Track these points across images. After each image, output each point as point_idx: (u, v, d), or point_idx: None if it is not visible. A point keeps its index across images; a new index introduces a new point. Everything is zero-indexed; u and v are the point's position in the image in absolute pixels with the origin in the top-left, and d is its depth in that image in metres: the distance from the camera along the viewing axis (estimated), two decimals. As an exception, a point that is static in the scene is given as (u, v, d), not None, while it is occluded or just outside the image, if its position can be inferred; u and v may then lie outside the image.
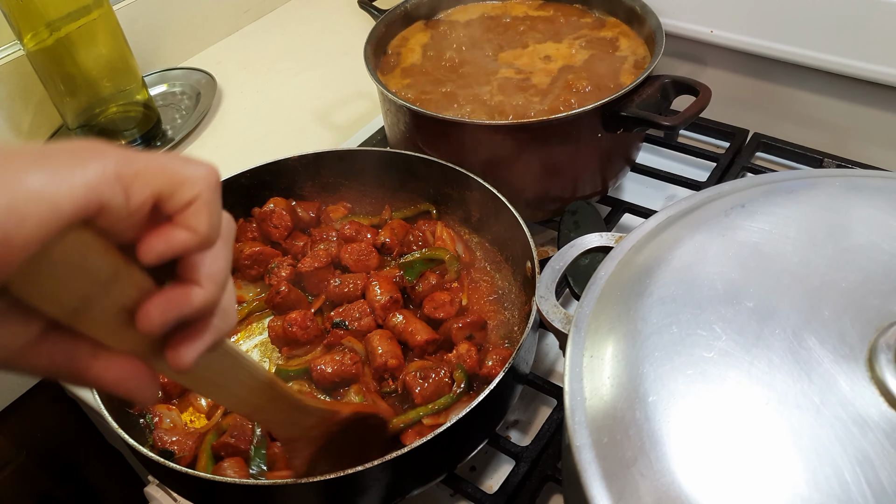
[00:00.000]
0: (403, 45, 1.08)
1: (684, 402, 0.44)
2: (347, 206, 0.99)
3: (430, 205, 0.96)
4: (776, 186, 0.59)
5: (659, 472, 0.41)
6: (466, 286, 0.88)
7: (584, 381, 0.49)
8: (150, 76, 1.35)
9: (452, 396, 0.74)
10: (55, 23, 1.05)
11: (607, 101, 0.86)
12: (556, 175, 0.93)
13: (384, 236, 0.91)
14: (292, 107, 1.30)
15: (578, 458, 0.44)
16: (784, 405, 0.42)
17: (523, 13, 1.12)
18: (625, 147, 0.98)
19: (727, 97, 1.11)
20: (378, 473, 0.64)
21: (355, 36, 1.44)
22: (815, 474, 0.39)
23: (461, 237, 0.94)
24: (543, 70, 1.00)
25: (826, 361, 0.44)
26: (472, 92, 0.97)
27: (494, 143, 0.89)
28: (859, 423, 0.41)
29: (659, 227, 0.60)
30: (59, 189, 0.32)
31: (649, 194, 1.06)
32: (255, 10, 1.56)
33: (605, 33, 1.05)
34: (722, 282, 0.50)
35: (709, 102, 0.86)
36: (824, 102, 1.05)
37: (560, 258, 0.65)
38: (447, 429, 0.64)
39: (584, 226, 0.92)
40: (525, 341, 0.71)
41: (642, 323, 0.50)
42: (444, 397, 0.74)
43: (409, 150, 0.95)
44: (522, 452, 0.74)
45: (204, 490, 0.67)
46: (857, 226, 0.53)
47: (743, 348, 0.46)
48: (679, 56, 1.15)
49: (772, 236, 0.53)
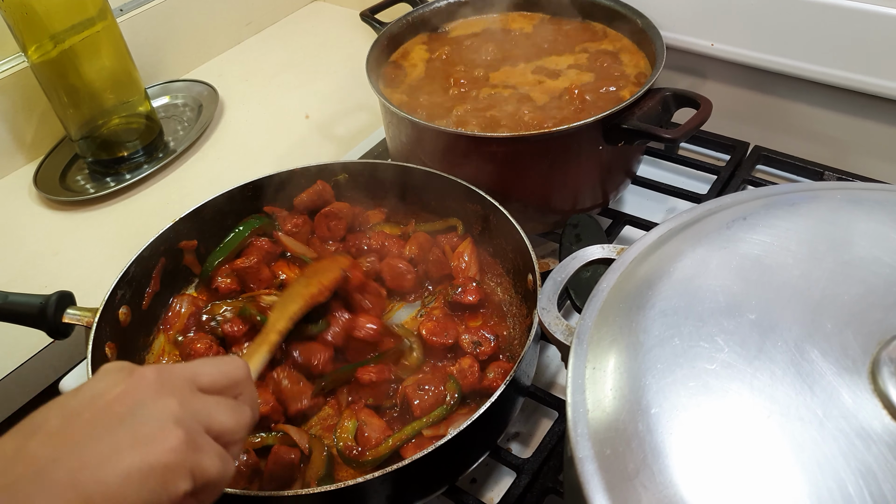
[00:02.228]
0: (405, 57, 1.09)
1: (686, 414, 0.44)
2: (384, 212, 0.99)
3: (457, 220, 0.94)
4: (777, 199, 0.60)
5: (661, 485, 0.41)
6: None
7: (587, 393, 0.49)
8: (153, 88, 1.35)
9: (447, 408, 0.74)
10: (59, 35, 1.06)
11: (608, 113, 0.86)
12: (558, 187, 0.94)
13: (410, 251, 0.90)
14: (294, 119, 1.30)
15: (580, 471, 0.44)
16: (786, 418, 0.42)
17: (524, 27, 1.13)
18: (626, 160, 0.98)
19: (728, 110, 1.11)
20: (379, 485, 0.64)
21: (357, 48, 1.44)
22: (817, 487, 0.39)
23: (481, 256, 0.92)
24: (544, 83, 1.00)
25: (828, 374, 0.44)
26: (473, 104, 0.97)
27: (496, 156, 0.89)
28: (862, 435, 0.40)
29: (660, 240, 0.60)
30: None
31: (650, 207, 1.06)
32: (256, 22, 1.57)
33: (607, 47, 1.06)
34: (724, 294, 0.50)
35: (709, 115, 0.87)
36: (825, 115, 1.06)
37: (562, 270, 0.65)
38: (448, 441, 0.64)
39: (586, 238, 0.92)
40: (526, 353, 0.71)
41: (644, 335, 0.50)
42: (439, 408, 0.74)
43: (410, 162, 0.95)
44: (524, 465, 0.74)
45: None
46: (858, 239, 0.53)
47: (745, 360, 0.45)
48: (680, 69, 1.15)
49: (773, 249, 0.53)
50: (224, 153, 1.24)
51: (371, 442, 0.72)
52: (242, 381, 0.55)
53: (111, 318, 0.80)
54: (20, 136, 1.23)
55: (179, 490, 0.44)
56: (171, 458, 0.44)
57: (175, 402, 0.47)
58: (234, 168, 1.19)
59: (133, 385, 0.47)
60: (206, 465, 0.46)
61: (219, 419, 0.50)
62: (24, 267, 1.06)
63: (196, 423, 0.48)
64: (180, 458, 0.44)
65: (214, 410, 0.50)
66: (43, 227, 1.13)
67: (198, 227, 0.91)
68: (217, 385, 0.52)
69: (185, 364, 0.52)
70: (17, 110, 1.21)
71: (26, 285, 1.01)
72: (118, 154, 1.19)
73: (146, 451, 0.43)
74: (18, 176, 1.23)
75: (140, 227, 1.08)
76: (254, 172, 0.94)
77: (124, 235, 1.09)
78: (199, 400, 0.49)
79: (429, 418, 0.73)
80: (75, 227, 1.12)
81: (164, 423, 0.45)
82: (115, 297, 0.81)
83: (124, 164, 1.19)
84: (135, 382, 0.47)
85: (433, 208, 0.96)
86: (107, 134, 1.18)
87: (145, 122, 1.21)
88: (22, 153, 1.24)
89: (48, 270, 1.05)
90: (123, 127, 1.19)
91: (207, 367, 0.53)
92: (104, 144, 1.18)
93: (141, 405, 0.46)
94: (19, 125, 1.22)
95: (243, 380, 0.55)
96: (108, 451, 0.43)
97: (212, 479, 0.47)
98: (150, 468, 0.43)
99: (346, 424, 0.74)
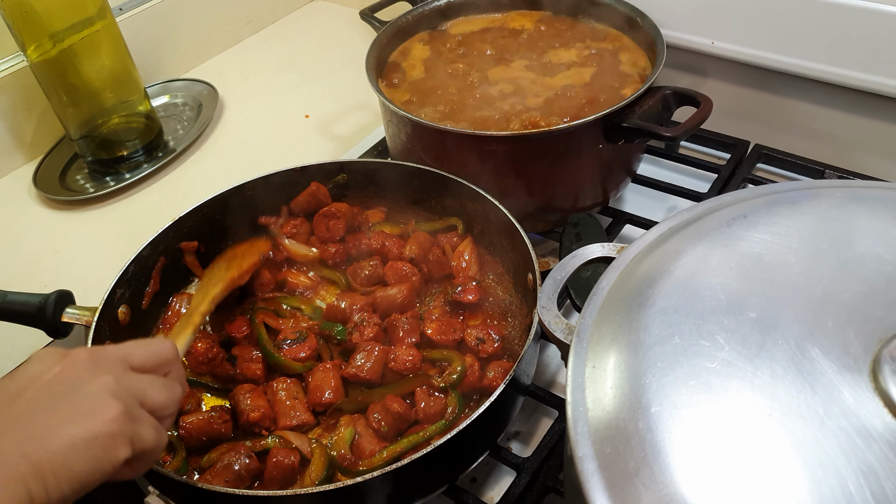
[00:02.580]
0: (405, 56, 1.09)
1: (687, 412, 0.44)
2: (384, 211, 0.99)
3: (457, 219, 0.94)
4: (778, 197, 0.59)
5: (662, 483, 0.41)
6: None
7: (587, 392, 0.49)
8: (153, 87, 1.35)
9: (445, 423, 0.73)
10: (59, 34, 1.06)
11: (608, 112, 0.86)
12: (558, 186, 0.93)
13: (411, 251, 0.90)
14: (293, 118, 1.30)
15: (581, 469, 0.44)
16: (787, 416, 0.42)
17: (524, 26, 1.12)
18: (626, 158, 0.98)
19: (728, 108, 1.11)
20: (379, 485, 0.64)
21: (357, 47, 1.44)
22: (818, 485, 0.39)
23: (481, 255, 0.92)
24: (544, 81, 1.00)
25: (829, 372, 0.43)
26: (473, 103, 0.97)
27: (495, 154, 0.89)
28: (863, 434, 0.40)
29: (661, 238, 0.59)
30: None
31: (650, 205, 1.06)
32: (256, 21, 1.57)
33: (607, 45, 1.05)
34: (724, 292, 0.50)
35: (710, 113, 0.86)
36: (825, 114, 1.05)
37: (562, 268, 0.64)
38: (448, 440, 0.64)
39: (586, 237, 0.92)
40: (526, 352, 0.71)
41: (644, 333, 0.49)
42: (437, 424, 0.73)
43: (410, 161, 0.95)
44: (524, 464, 0.74)
45: (203, 500, 0.67)
46: (859, 236, 0.52)
47: (746, 359, 0.45)
48: (680, 67, 1.15)
49: (774, 247, 0.53)
50: (224, 152, 1.24)
51: (365, 453, 0.72)
52: (171, 360, 0.59)
53: (110, 318, 0.80)
54: (20, 135, 1.23)
55: (120, 457, 0.48)
56: (111, 428, 0.48)
57: (111, 379, 0.51)
58: (233, 167, 1.19)
59: (69, 365, 0.51)
60: (143, 435, 0.51)
61: (151, 395, 0.54)
62: (24, 266, 1.06)
63: (131, 398, 0.52)
64: (120, 427, 0.49)
65: (147, 387, 0.54)
66: (42, 226, 1.13)
67: (197, 225, 0.91)
68: (148, 364, 0.56)
69: (117, 346, 0.56)
70: (17, 110, 1.21)
71: (26, 284, 1.01)
72: (118, 153, 1.19)
73: (88, 421, 0.48)
74: (18, 175, 1.23)
75: (140, 227, 1.08)
76: (253, 171, 0.94)
77: (124, 235, 1.08)
78: (133, 377, 0.54)
79: (425, 432, 0.73)
80: (75, 226, 1.12)
81: (103, 397, 0.49)
82: (114, 296, 0.81)
83: (124, 163, 1.19)
84: (70, 363, 0.51)
85: (433, 207, 0.96)
86: (106, 133, 1.18)
87: (145, 121, 1.21)
88: (21, 152, 1.24)
89: (48, 269, 1.05)
90: (123, 126, 1.19)
91: (138, 349, 0.57)
92: (104, 144, 1.18)
93: (80, 382, 0.50)
94: (19, 124, 1.22)
95: (172, 359, 0.59)
96: (53, 424, 0.46)
97: (147, 448, 0.51)
98: (94, 437, 0.47)
99: (343, 433, 0.73)
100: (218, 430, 0.74)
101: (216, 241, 0.93)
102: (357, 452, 0.72)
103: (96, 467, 0.47)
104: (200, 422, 0.74)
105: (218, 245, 0.94)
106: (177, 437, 0.75)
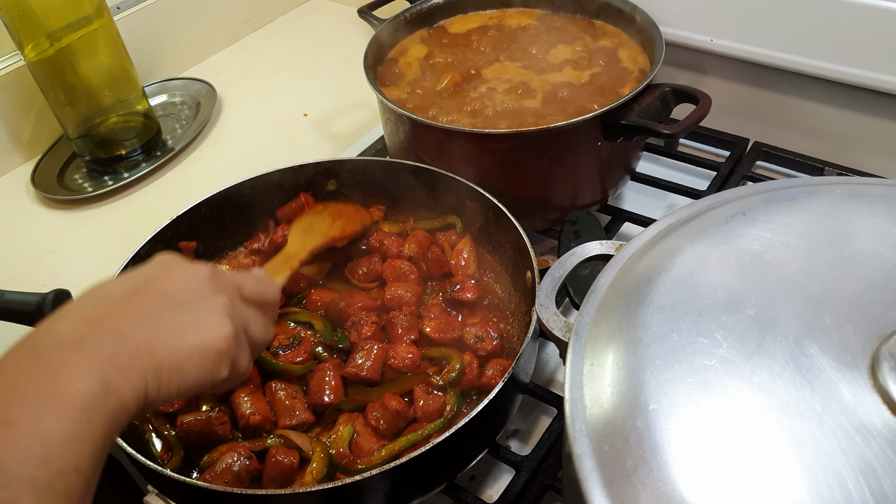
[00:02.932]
0: (403, 54, 1.08)
1: (685, 410, 0.44)
2: (382, 209, 0.98)
3: (456, 217, 0.94)
4: (777, 194, 0.59)
5: (660, 481, 0.41)
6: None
7: (585, 390, 0.48)
8: (151, 86, 1.35)
9: (443, 421, 0.73)
10: (56, 33, 1.05)
11: (607, 109, 0.86)
12: (556, 184, 0.93)
13: (409, 249, 0.90)
14: (292, 116, 1.30)
15: (579, 467, 0.44)
16: (786, 413, 0.42)
17: (522, 23, 1.12)
18: (625, 156, 0.98)
19: (727, 106, 1.11)
20: (377, 483, 0.64)
21: (355, 45, 1.44)
22: (817, 483, 0.39)
23: (480, 253, 0.92)
24: (542, 79, 1.00)
25: (828, 369, 0.43)
26: (471, 100, 0.97)
27: (494, 152, 0.89)
28: (862, 431, 0.40)
29: (659, 236, 0.59)
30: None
31: (649, 203, 1.06)
32: (254, 20, 1.56)
33: (605, 43, 1.05)
34: (723, 290, 0.50)
35: (709, 111, 0.86)
36: (825, 111, 1.05)
37: (560, 266, 0.64)
38: (447, 438, 0.64)
39: (585, 235, 0.92)
40: (525, 350, 0.70)
41: (643, 331, 0.49)
42: (435, 422, 0.73)
43: (408, 159, 0.95)
44: (522, 462, 0.74)
45: (202, 499, 0.67)
46: (858, 234, 0.52)
47: (744, 356, 0.45)
48: (679, 65, 1.15)
49: (773, 244, 0.53)
50: (222, 151, 1.23)
51: (364, 451, 0.72)
52: (273, 303, 0.62)
53: (109, 317, 0.80)
54: (17, 134, 1.23)
55: (222, 375, 0.52)
56: (224, 346, 0.52)
57: (227, 300, 0.54)
58: (232, 166, 1.19)
59: (193, 277, 0.54)
60: (241, 360, 0.54)
61: (253, 327, 0.57)
62: (22, 265, 1.06)
63: (241, 323, 0.55)
64: (229, 347, 0.52)
65: (251, 319, 0.57)
66: (40, 225, 1.12)
67: (196, 224, 0.91)
68: (255, 299, 0.59)
69: (233, 272, 0.60)
70: (14, 109, 1.21)
71: (24, 284, 1.01)
72: (116, 152, 1.18)
73: (208, 335, 0.51)
74: (16, 174, 1.23)
75: (138, 226, 1.08)
76: (252, 170, 0.94)
77: (122, 234, 1.08)
78: (242, 306, 0.57)
79: (424, 430, 0.72)
80: (73, 225, 1.12)
81: (222, 316, 0.53)
82: (112, 295, 0.80)
83: (122, 162, 1.19)
84: (194, 275, 0.54)
85: (431, 206, 0.95)
86: (104, 132, 1.18)
87: (143, 120, 1.21)
88: (19, 152, 1.24)
89: (46, 269, 1.05)
90: (121, 125, 1.19)
91: (251, 282, 0.60)
92: (102, 143, 1.18)
93: (202, 296, 0.53)
94: (16, 124, 1.22)
95: (274, 302, 0.62)
96: (177, 330, 0.50)
97: (239, 374, 0.55)
98: (209, 351, 0.51)
99: (342, 431, 0.73)
100: (216, 430, 0.74)
101: (214, 239, 0.93)
102: (356, 451, 0.72)
103: (201, 379, 0.50)
104: (199, 422, 0.74)
105: (216, 244, 0.93)
106: (175, 437, 0.75)
